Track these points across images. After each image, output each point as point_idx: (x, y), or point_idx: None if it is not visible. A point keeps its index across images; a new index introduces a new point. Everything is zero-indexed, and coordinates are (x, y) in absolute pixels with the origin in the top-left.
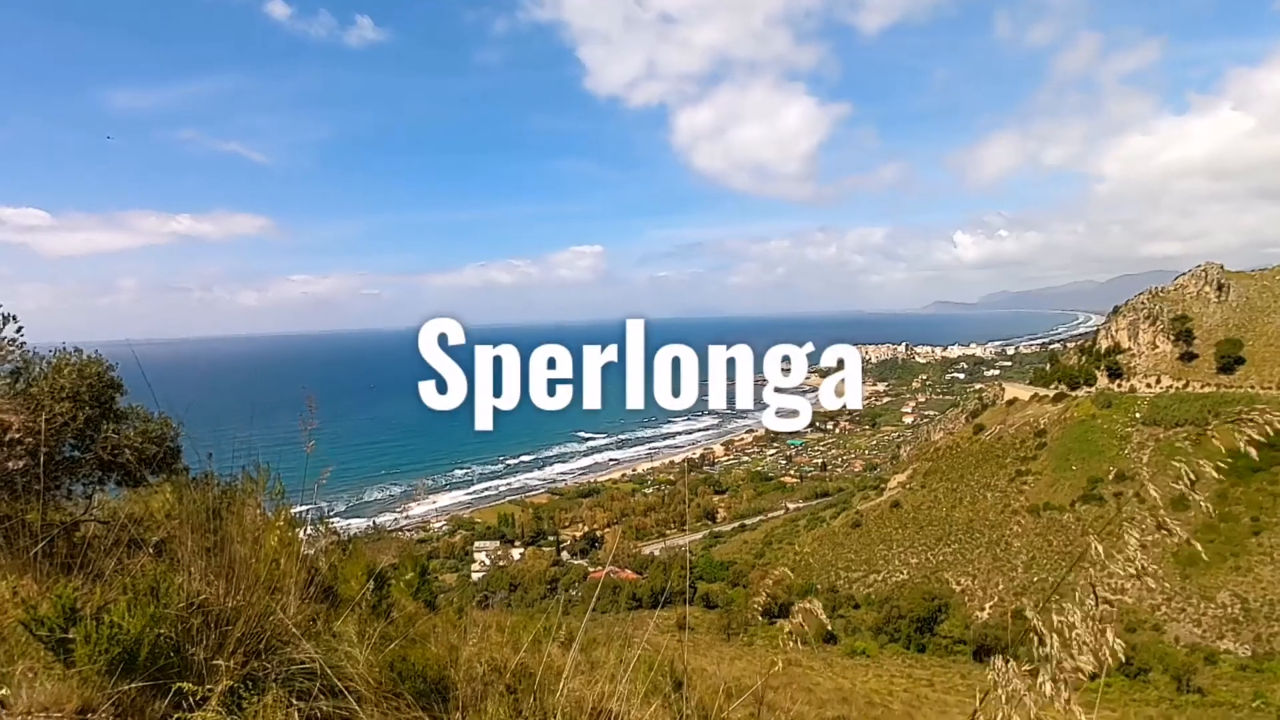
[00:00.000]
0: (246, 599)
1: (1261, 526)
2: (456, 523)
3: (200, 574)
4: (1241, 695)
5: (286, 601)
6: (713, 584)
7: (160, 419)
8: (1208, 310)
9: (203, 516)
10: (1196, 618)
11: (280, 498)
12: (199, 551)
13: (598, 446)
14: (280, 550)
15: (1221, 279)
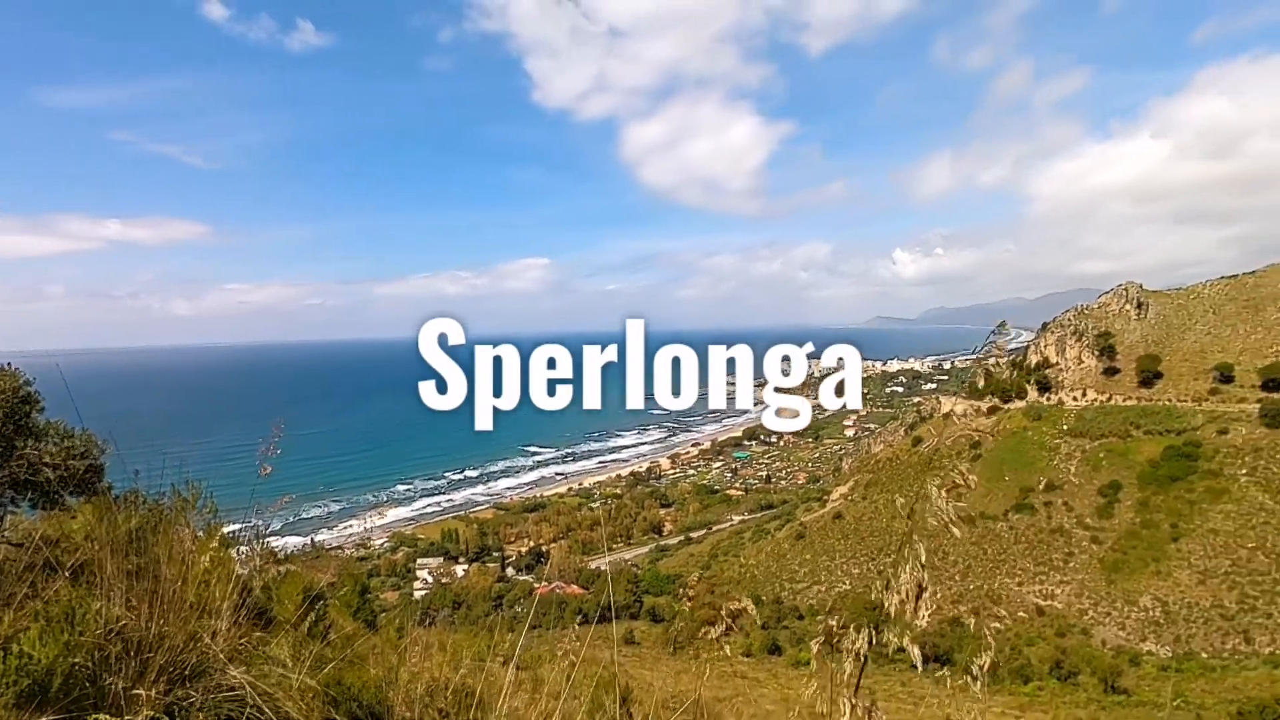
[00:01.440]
0: (172, 624)
1: (1180, 533)
2: (399, 539)
3: (122, 598)
4: (1163, 695)
5: (216, 625)
6: (659, 597)
7: (84, 435)
8: (1129, 327)
9: (126, 537)
10: (1121, 621)
11: (213, 516)
12: (121, 575)
13: (544, 460)
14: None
15: (1141, 298)
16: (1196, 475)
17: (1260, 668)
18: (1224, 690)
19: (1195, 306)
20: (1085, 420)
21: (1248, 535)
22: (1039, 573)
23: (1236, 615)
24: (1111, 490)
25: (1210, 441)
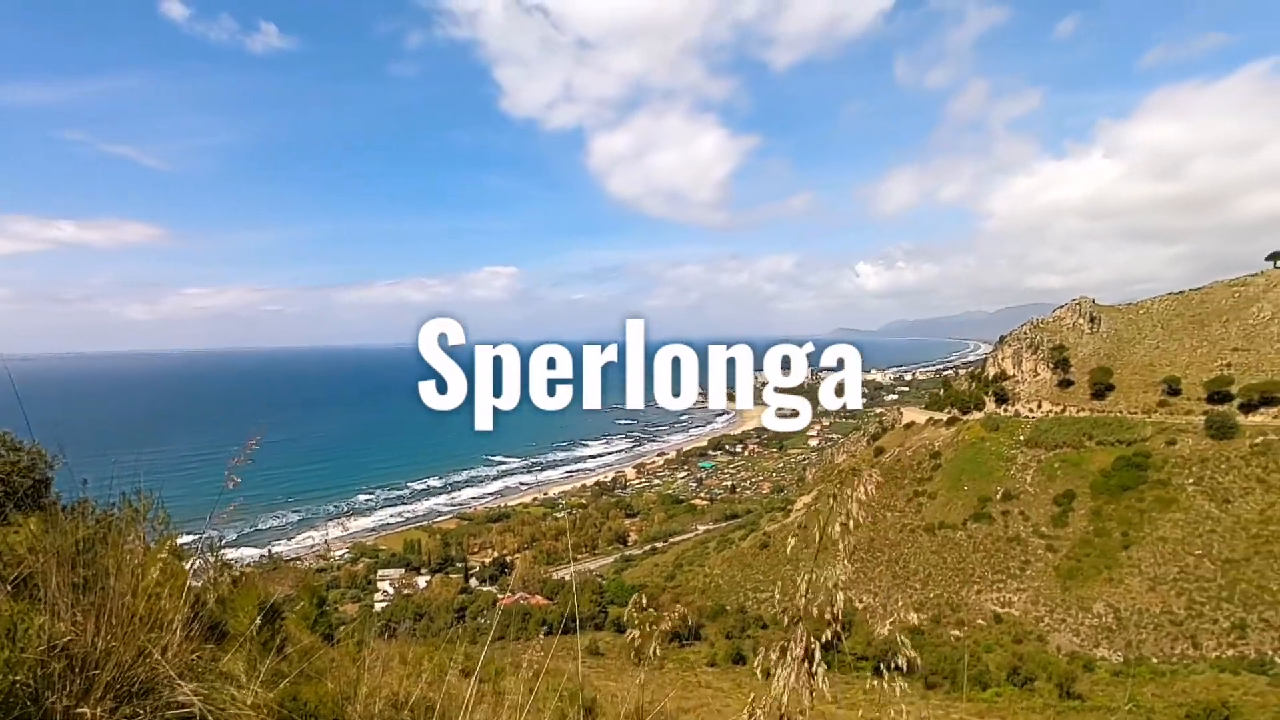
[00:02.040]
0: (119, 638)
1: (1131, 541)
2: (359, 550)
3: (67, 613)
4: (1116, 699)
5: (167, 639)
6: (624, 608)
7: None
8: (1082, 341)
9: (73, 549)
10: (1075, 627)
11: (166, 527)
12: (66, 588)
13: (509, 470)
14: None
15: (1093, 312)
16: (1146, 485)
17: (1207, 672)
18: (1173, 694)
19: (1145, 321)
20: (1041, 431)
21: (1195, 543)
22: (997, 581)
23: (1185, 621)
24: (1066, 499)
25: (1159, 452)
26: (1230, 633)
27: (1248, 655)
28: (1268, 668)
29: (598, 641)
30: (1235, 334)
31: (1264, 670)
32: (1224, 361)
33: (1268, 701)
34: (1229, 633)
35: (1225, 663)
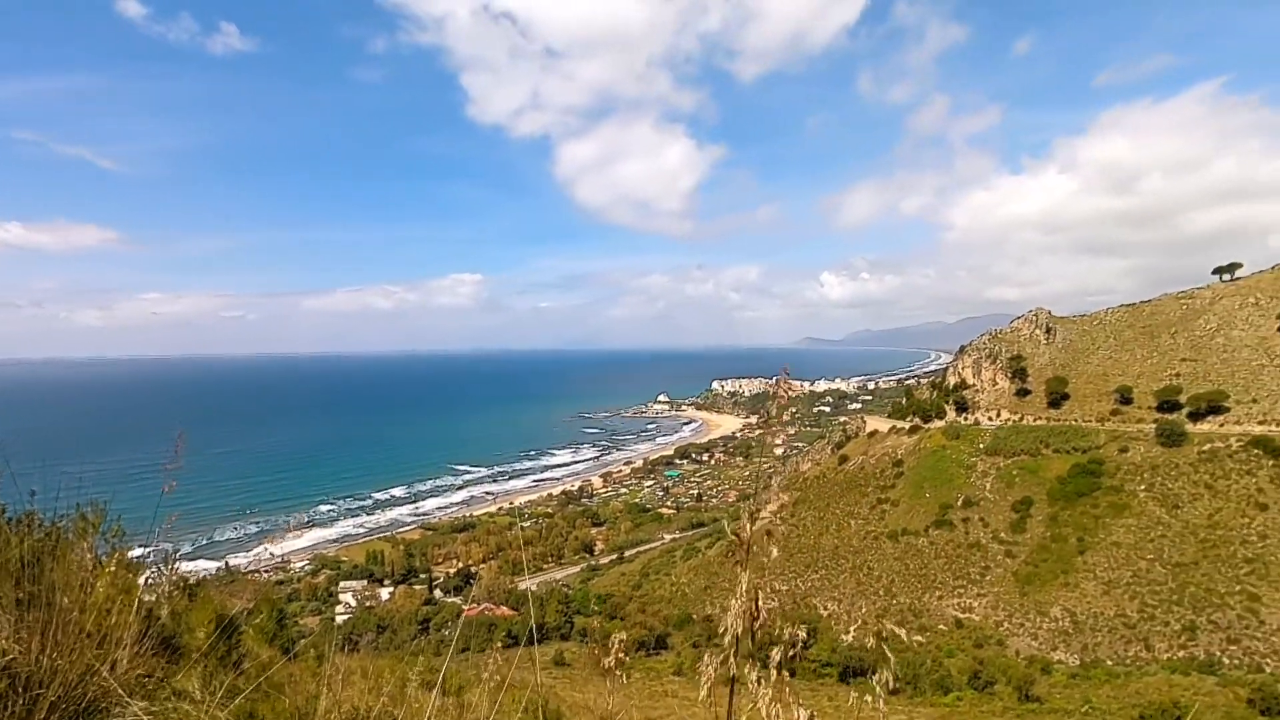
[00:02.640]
0: (66, 656)
1: (1086, 546)
2: (320, 561)
3: (11, 630)
4: (1073, 701)
5: (117, 656)
6: (590, 618)
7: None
8: (1038, 351)
9: (17, 563)
10: (1034, 631)
11: (118, 539)
12: (10, 604)
13: (474, 479)
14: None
15: (1049, 323)
16: (1100, 491)
17: (1159, 673)
18: (1128, 695)
19: (1098, 332)
20: (1000, 439)
21: (1146, 548)
22: (958, 586)
23: (1138, 624)
24: (1024, 506)
25: (1112, 459)
26: (1181, 634)
27: (1197, 656)
28: (1216, 668)
29: (564, 652)
30: (1184, 345)
31: (1213, 671)
32: (1173, 371)
33: (1217, 701)
34: (1179, 635)
35: (1176, 664)
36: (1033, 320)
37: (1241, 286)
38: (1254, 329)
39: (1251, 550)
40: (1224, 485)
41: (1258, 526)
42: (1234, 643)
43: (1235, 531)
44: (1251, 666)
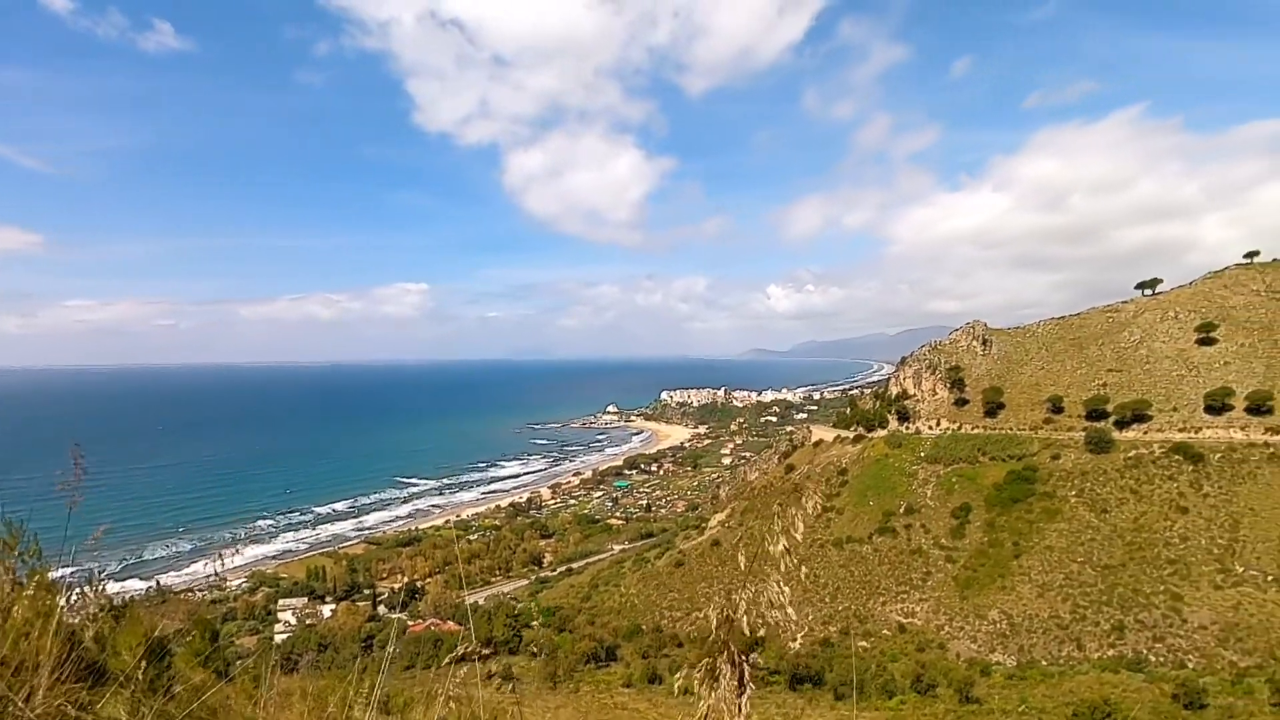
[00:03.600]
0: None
1: (1021, 550)
2: (259, 579)
3: None
4: (1010, 701)
5: (35, 683)
6: (539, 631)
7: None
8: (975, 361)
9: None
10: (973, 634)
11: (36, 560)
12: None
13: (419, 492)
14: (32, 622)
15: (986, 335)
16: (1034, 497)
17: (1091, 672)
18: (1062, 694)
19: (1031, 344)
20: (940, 447)
21: (1077, 551)
22: (901, 592)
23: (1070, 624)
24: (963, 512)
25: (1045, 466)
26: (1110, 634)
27: (1126, 655)
28: (1143, 665)
29: (512, 666)
30: (1110, 356)
31: (1140, 668)
32: (1100, 382)
33: (1144, 698)
34: (1109, 634)
35: (1106, 662)
36: (970, 332)
37: (1162, 301)
38: (1173, 341)
39: (1174, 552)
40: (1148, 490)
41: (1179, 529)
42: (1159, 640)
43: (1159, 534)
44: (1175, 663)
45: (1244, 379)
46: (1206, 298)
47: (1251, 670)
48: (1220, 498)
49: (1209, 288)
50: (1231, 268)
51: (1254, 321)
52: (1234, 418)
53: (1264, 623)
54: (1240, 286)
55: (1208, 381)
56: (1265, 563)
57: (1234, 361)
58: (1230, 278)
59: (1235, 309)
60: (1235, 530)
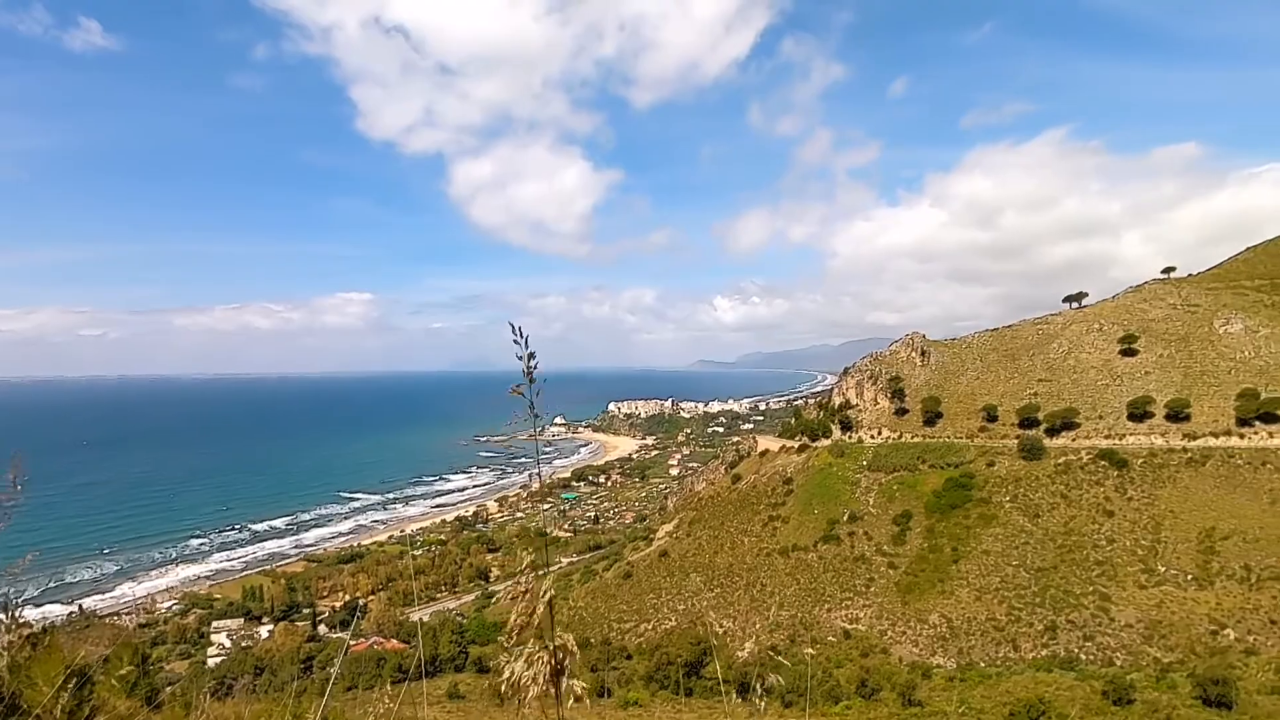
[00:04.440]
0: None
1: (959, 555)
2: (191, 600)
3: None
4: (951, 703)
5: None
6: (486, 647)
7: None
8: (915, 372)
9: None
10: (915, 638)
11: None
12: None
13: (363, 507)
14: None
15: (924, 346)
16: (971, 503)
17: (1026, 672)
18: (999, 695)
19: (967, 355)
20: (881, 456)
21: (1012, 555)
22: (845, 598)
23: (1006, 626)
24: (904, 519)
25: (981, 473)
26: (1044, 634)
27: (1059, 654)
28: (1075, 664)
29: (459, 684)
30: (1040, 366)
31: (1072, 667)
32: (1032, 391)
33: (1075, 695)
34: (1043, 634)
35: (1040, 662)
36: (909, 344)
37: (1088, 314)
38: (1099, 352)
39: (1101, 553)
40: (1077, 495)
41: (1106, 531)
42: (1089, 639)
43: (1087, 537)
44: (1104, 661)
45: (1163, 388)
46: (1128, 311)
47: (1174, 665)
48: (1143, 501)
49: (1130, 301)
50: (1150, 282)
51: (1171, 333)
52: (1155, 425)
53: (1184, 620)
54: (1159, 300)
55: (1130, 390)
56: (1185, 563)
57: (1154, 371)
58: (1149, 292)
59: (1154, 321)
60: (1157, 532)
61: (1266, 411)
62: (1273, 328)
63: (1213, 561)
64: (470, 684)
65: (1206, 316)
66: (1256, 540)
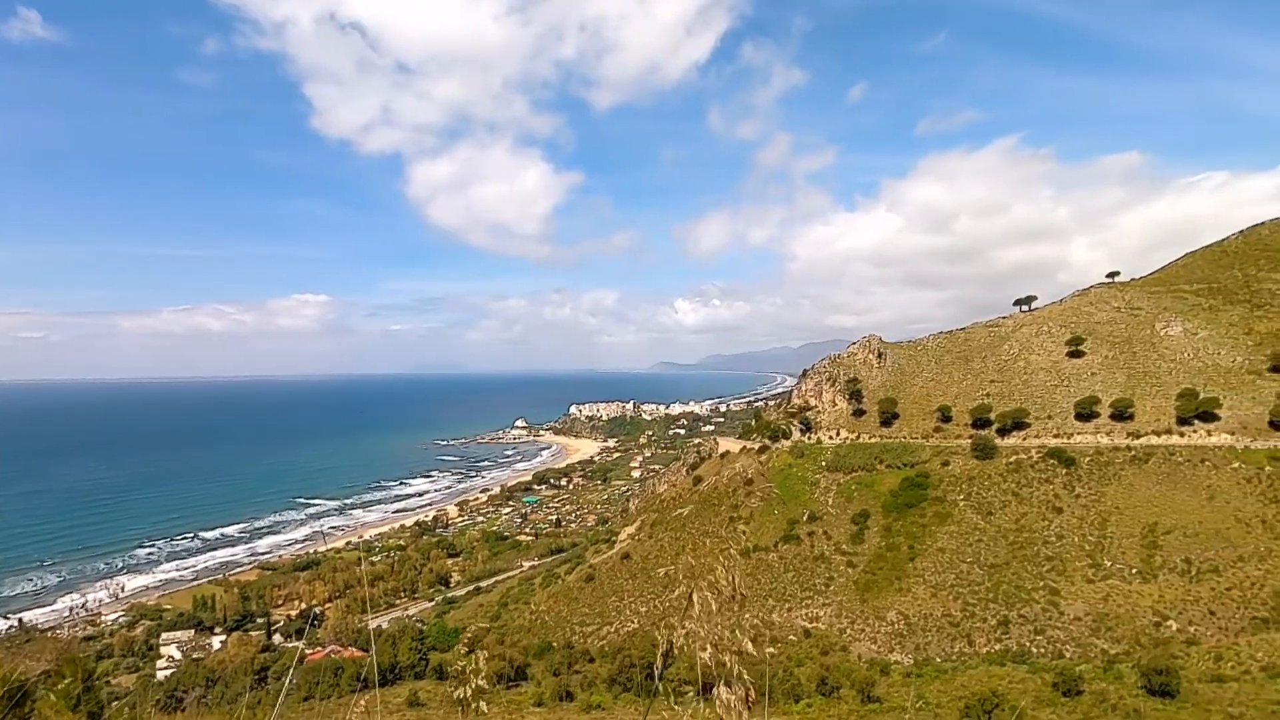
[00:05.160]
0: None
1: (916, 553)
2: (139, 612)
3: None
4: (908, 699)
5: None
6: (446, 653)
7: None
8: (872, 374)
9: None
10: (873, 635)
11: None
12: None
13: (320, 513)
14: None
15: (881, 348)
16: (927, 502)
17: (980, 666)
18: (954, 689)
19: (922, 357)
20: (840, 456)
21: (966, 552)
22: (805, 598)
23: (961, 621)
24: (862, 518)
25: (936, 472)
26: (997, 629)
27: (1011, 648)
28: (1026, 657)
29: (418, 691)
30: (992, 368)
31: (1024, 660)
32: (984, 392)
33: (1027, 688)
34: (996, 629)
35: (994, 656)
36: (866, 346)
37: (1037, 316)
38: (1048, 354)
39: (1051, 549)
40: (1028, 492)
41: (1055, 528)
42: (1040, 633)
43: (1038, 533)
44: (1054, 653)
45: (1108, 388)
46: (1075, 314)
47: (1120, 657)
48: (1090, 498)
49: (1077, 304)
50: (1096, 286)
51: (1116, 336)
52: (1100, 424)
53: (1130, 612)
54: (1104, 303)
55: (1077, 391)
56: (1130, 557)
57: (1099, 372)
58: (1095, 295)
59: (1100, 324)
60: (1104, 528)
61: (1205, 411)
62: (1210, 330)
63: (1156, 556)
64: (430, 691)
65: (1148, 320)
66: (1196, 535)
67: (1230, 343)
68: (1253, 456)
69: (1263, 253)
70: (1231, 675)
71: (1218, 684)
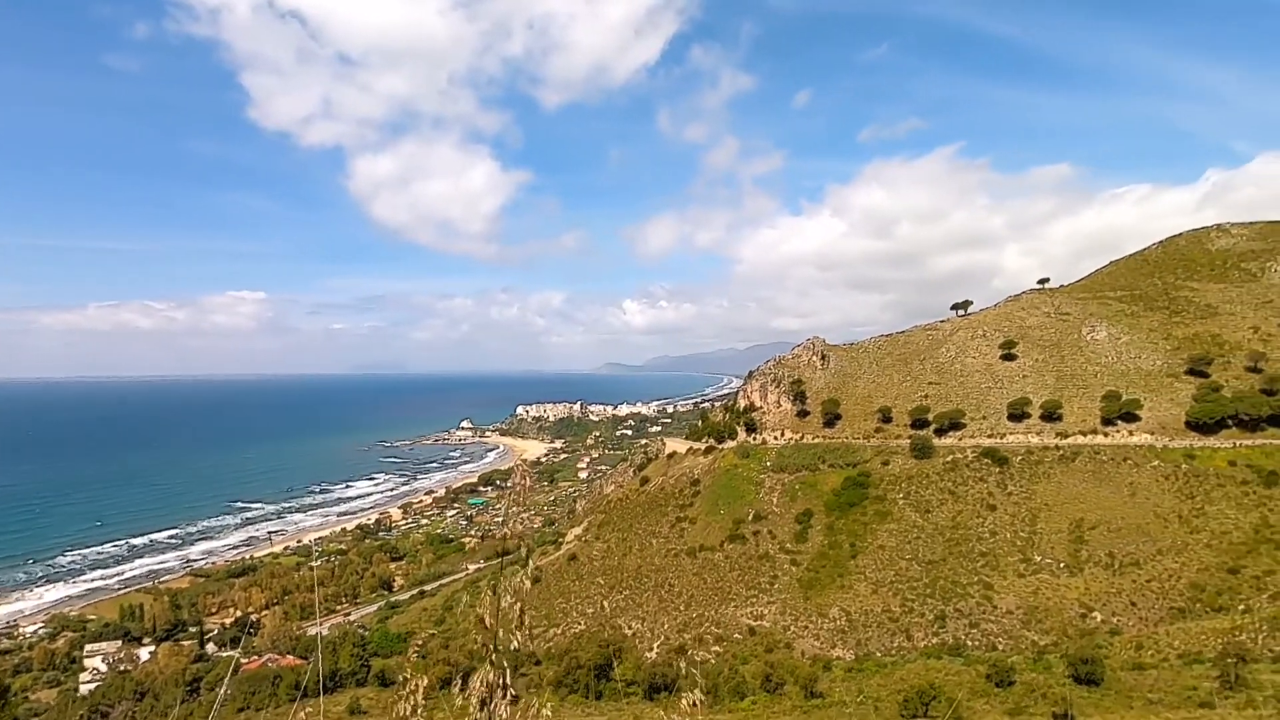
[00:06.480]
0: None
1: (857, 551)
2: (60, 623)
3: None
4: (849, 693)
5: None
6: (389, 659)
7: None
8: (815, 376)
9: None
10: (816, 632)
11: None
12: None
13: (256, 517)
14: None
15: (824, 351)
16: (868, 501)
17: (918, 659)
18: (894, 683)
19: (864, 359)
20: (784, 457)
21: (905, 549)
22: (750, 596)
23: (900, 617)
24: (805, 518)
25: (877, 472)
26: (934, 624)
27: (948, 641)
28: (962, 650)
29: (360, 699)
30: (930, 370)
31: (959, 653)
32: (923, 393)
33: (963, 680)
34: (933, 624)
35: (931, 650)
36: (810, 348)
37: (973, 321)
38: (982, 357)
39: (985, 545)
40: (963, 491)
41: (989, 525)
42: (975, 626)
43: (973, 530)
44: (988, 646)
45: (1039, 390)
46: (1008, 318)
47: (1049, 648)
48: (1022, 496)
49: (1010, 309)
50: (1027, 293)
51: (1045, 340)
52: (1031, 424)
53: (1058, 605)
54: (1035, 309)
55: (1010, 392)
56: (1058, 552)
57: (1030, 375)
58: (1027, 301)
59: (1031, 328)
60: (1034, 524)
61: (1127, 411)
62: (1132, 335)
63: (1082, 550)
64: (372, 699)
65: (1076, 324)
66: (1119, 530)
67: (1151, 347)
68: (1170, 455)
69: (1180, 262)
70: (1151, 663)
71: (1139, 671)
